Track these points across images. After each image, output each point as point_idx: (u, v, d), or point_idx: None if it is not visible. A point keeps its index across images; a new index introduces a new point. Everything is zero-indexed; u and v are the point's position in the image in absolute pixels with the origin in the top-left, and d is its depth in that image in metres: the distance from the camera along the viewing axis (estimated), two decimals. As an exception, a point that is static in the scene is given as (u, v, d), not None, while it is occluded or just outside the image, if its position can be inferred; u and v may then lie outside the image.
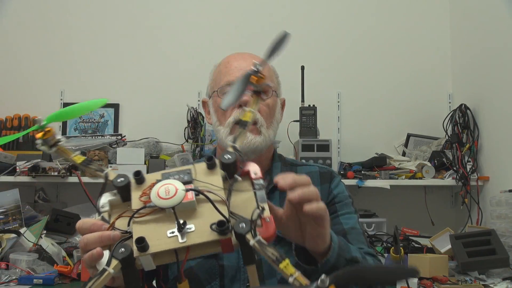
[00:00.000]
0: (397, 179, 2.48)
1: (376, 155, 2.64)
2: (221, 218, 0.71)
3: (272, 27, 2.95)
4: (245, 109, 0.89)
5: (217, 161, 0.80)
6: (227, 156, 0.79)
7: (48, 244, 2.15)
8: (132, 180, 0.79)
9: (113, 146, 2.59)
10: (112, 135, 2.77)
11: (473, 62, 2.66)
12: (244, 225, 0.70)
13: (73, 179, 2.44)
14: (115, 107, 2.90)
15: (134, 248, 0.69)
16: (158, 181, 0.75)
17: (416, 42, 2.93)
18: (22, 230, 2.19)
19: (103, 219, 0.77)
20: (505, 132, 2.30)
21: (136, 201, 0.76)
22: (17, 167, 2.46)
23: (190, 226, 0.72)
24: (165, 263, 0.73)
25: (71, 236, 2.35)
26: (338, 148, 2.84)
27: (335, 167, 2.64)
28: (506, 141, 2.29)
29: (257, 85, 0.88)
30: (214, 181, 0.77)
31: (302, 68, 2.63)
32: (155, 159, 2.51)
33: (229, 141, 0.84)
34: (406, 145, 2.76)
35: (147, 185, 0.77)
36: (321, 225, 0.87)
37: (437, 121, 2.69)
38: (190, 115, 2.68)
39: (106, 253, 0.72)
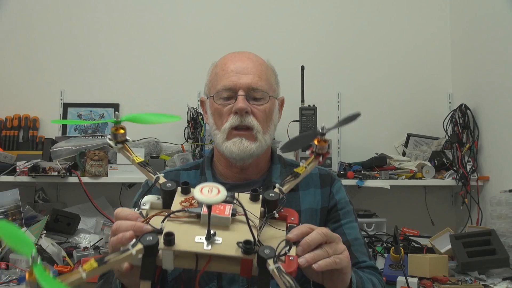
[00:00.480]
0: (397, 179, 2.48)
1: (376, 155, 2.64)
2: (249, 238, 0.74)
3: (272, 27, 2.96)
4: (302, 165, 0.96)
5: (260, 196, 0.85)
6: (271, 195, 0.85)
7: (48, 244, 2.15)
8: (179, 188, 0.84)
9: (113, 146, 2.58)
10: (112, 135, 2.76)
11: (473, 62, 2.66)
12: (268, 251, 0.74)
13: (73, 179, 2.44)
14: (115, 107, 2.90)
15: (161, 240, 0.72)
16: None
17: (416, 42, 2.93)
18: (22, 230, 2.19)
19: (140, 214, 0.82)
20: (505, 132, 2.30)
21: (176, 205, 0.81)
22: (17, 167, 2.46)
23: (218, 239, 0.75)
24: (183, 267, 0.75)
25: (71, 236, 2.35)
26: (338, 148, 2.84)
27: (335, 167, 2.64)
28: (506, 141, 2.29)
29: (318, 146, 0.99)
30: (252, 209, 0.82)
31: (302, 68, 2.64)
32: (155, 159, 2.51)
33: (278, 185, 0.90)
34: (406, 145, 2.76)
35: (190, 196, 0.83)
36: (342, 272, 0.88)
37: (437, 121, 2.69)
38: (190, 115, 2.68)
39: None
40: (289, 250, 0.78)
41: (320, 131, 0.96)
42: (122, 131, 0.94)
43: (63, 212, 2.38)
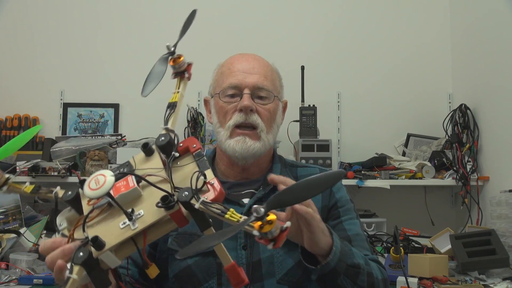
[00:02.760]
0: (397, 179, 2.48)
1: (376, 155, 2.64)
2: (164, 193, 0.72)
3: (272, 27, 2.96)
4: (174, 92, 0.92)
5: (153, 147, 0.82)
6: (161, 138, 0.82)
7: (48, 244, 2.15)
8: (80, 191, 0.79)
9: (113, 146, 2.59)
10: (112, 135, 2.77)
11: (473, 62, 2.66)
12: (187, 193, 0.72)
13: (73, 179, 2.44)
14: (115, 107, 2.90)
15: (92, 249, 0.70)
16: None
17: (417, 42, 2.93)
18: (22, 230, 2.20)
19: (63, 236, 0.78)
20: (505, 132, 2.30)
21: (86, 207, 0.78)
22: (17, 167, 2.46)
23: (139, 212, 0.73)
24: (128, 255, 0.74)
25: (71, 236, 2.35)
26: (338, 148, 2.84)
27: (335, 167, 2.64)
28: (506, 141, 2.29)
29: (176, 66, 0.94)
30: (153, 165, 0.79)
31: (302, 68, 2.64)
32: (155, 159, 2.50)
33: (162, 125, 0.87)
34: (406, 145, 2.76)
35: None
36: (310, 230, 0.92)
37: (437, 121, 2.69)
38: (190, 115, 2.68)
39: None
40: (204, 176, 0.75)
41: (168, 50, 0.94)
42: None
43: (63, 212, 2.37)
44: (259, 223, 0.66)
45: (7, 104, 2.87)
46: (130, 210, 0.73)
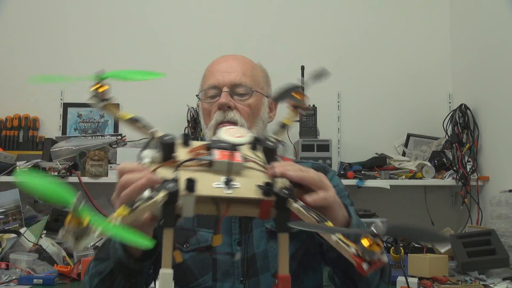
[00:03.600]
0: (397, 179, 2.48)
1: (376, 155, 2.64)
2: (267, 180, 0.76)
3: (272, 28, 2.96)
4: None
5: (259, 146, 0.86)
6: (270, 143, 0.85)
7: (48, 244, 2.15)
8: (178, 141, 0.82)
9: (113, 146, 2.59)
10: (112, 135, 2.77)
11: (473, 62, 2.66)
12: (286, 191, 0.74)
13: (73, 179, 2.44)
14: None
15: (182, 187, 0.70)
16: (207, 144, 0.81)
17: (416, 42, 2.93)
18: (22, 230, 2.20)
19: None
20: (505, 132, 2.30)
21: (183, 155, 0.80)
22: (17, 167, 2.46)
23: (236, 183, 0.75)
24: (204, 213, 0.75)
25: (71, 236, 2.35)
26: (338, 148, 2.84)
27: (335, 167, 2.64)
28: (506, 141, 2.29)
29: (299, 99, 1.03)
30: (257, 157, 0.84)
31: (302, 68, 2.63)
32: (155, 159, 2.50)
33: (271, 134, 0.93)
34: (406, 145, 2.76)
35: (193, 147, 0.82)
36: (329, 210, 0.86)
37: (437, 121, 2.69)
38: (190, 115, 2.68)
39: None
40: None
41: (299, 84, 1.02)
42: (104, 88, 0.92)
43: (63, 212, 2.37)
44: (370, 241, 0.67)
45: (7, 104, 2.87)
46: (228, 178, 0.75)
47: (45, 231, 2.24)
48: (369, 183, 2.44)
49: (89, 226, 0.64)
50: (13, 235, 2.16)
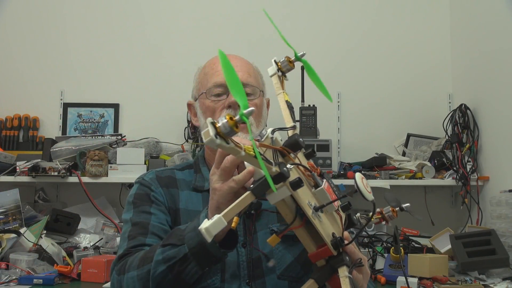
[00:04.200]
0: (397, 179, 2.48)
1: (376, 155, 2.64)
2: (343, 237, 0.84)
3: (272, 27, 2.95)
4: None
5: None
6: (357, 221, 0.99)
7: (48, 244, 2.15)
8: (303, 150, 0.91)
9: (113, 146, 2.59)
10: (112, 135, 2.77)
11: (473, 62, 2.66)
12: (347, 258, 0.83)
13: (73, 179, 2.44)
14: (115, 107, 2.90)
15: (291, 179, 0.75)
16: (322, 171, 0.91)
17: (416, 42, 2.93)
18: (22, 230, 2.19)
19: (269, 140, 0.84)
20: (505, 132, 2.30)
21: (303, 162, 0.87)
22: (17, 167, 2.46)
23: (321, 216, 0.82)
24: (279, 211, 0.81)
25: (71, 236, 2.35)
26: (338, 148, 2.84)
27: (335, 167, 2.64)
28: (506, 141, 2.29)
29: (390, 214, 1.11)
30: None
31: (302, 68, 2.63)
32: (155, 159, 2.51)
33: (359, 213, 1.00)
34: (406, 145, 2.76)
35: (311, 164, 0.92)
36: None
37: (437, 121, 2.69)
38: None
39: None
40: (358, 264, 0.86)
41: (403, 206, 1.13)
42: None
43: (63, 212, 2.38)
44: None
45: (7, 104, 2.88)
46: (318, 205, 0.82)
47: (45, 231, 2.24)
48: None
49: (235, 134, 0.66)
50: (13, 235, 2.16)
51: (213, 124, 0.65)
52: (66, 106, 2.90)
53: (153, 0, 3.00)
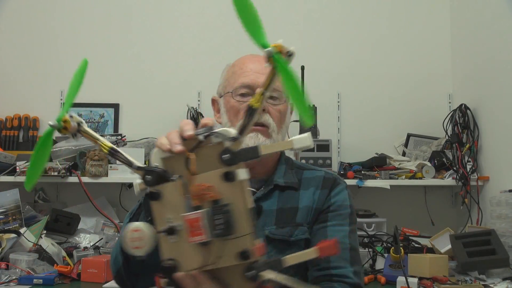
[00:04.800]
0: (397, 179, 2.48)
1: (376, 155, 2.64)
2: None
3: (272, 28, 2.95)
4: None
5: None
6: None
7: (48, 244, 2.15)
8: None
9: (113, 146, 2.59)
10: (112, 135, 2.77)
11: (473, 62, 2.66)
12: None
13: (73, 179, 2.44)
14: (115, 107, 2.90)
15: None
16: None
17: (416, 42, 2.93)
18: (22, 230, 2.20)
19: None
20: (505, 132, 2.30)
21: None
22: (17, 167, 2.46)
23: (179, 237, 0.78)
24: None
25: (71, 236, 2.35)
26: (338, 148, 2.84)
27: (335, 167, 2.64)
28: (506, 141, 2.29)
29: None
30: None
31: (302, 68, 2.63)
32: (155, 159, 2.50)
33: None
34: (406, 145, 2.76)
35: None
36: None
37: (437, 121, 2.69)
38: (190, 115, 2.68)
39: None
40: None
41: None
42: (68, 124, 0.92)
43: (63, 212, 2.38)
44: None
45: (7, 104, 2.88)
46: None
47: (45, 231, 2.24)
48: (369, 183, 2.44)
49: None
50: (13, 235, 2.16)
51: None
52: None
53: (153, 0, 3.00)
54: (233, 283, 0.76)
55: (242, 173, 0.75)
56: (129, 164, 0.82)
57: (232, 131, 0.77)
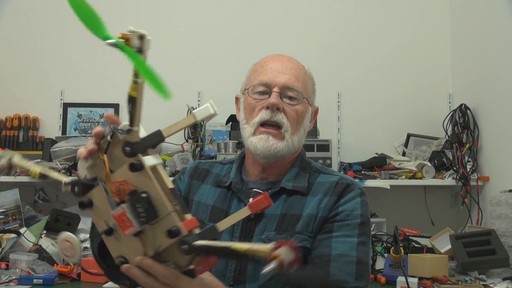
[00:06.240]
0: (397, 179, 2.48)
1: (376, 155, 2.64)
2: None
3: (273, 28, 2.96)
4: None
5: None
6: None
7: (48, 244, 2.15)
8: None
9: (113, 146, 2.59)
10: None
11: (473, 62, 2.66)
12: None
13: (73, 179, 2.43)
14: (115, 107, 2.90)
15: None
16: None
17: (417, 42, 2.93)
18: (22, 230, 2.20)
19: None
20: (505, 132, 2.30)
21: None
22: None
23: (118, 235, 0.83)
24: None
25: (71, 236, 2.35)
26: (338, 148, 2.84)
27: (335, 167, 2.64)
28: (506, 141, 2.29)
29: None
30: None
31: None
32: (155, 159, 2.50)
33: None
34: (406, 145, 2.76)
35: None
36: None
37: (437, 121, 2.69)
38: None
39: None
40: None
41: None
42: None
43: (63, 212, 2.38)
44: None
45: (7, 104, 2.88)
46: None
47: (45, 231, 2.24)
48: (369, 183, 2.44)
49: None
50: (13, 235, 2.16)
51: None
52: (66, 106, 2.90)
53: (154, 1, 3.00)
54: (178, 260, 0.79)
55: (149, 160, 0.80)
56: (59, 182, 0.86)
57: (126, 124, 0.80)
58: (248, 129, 1.16)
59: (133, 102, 0.78)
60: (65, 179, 0.85)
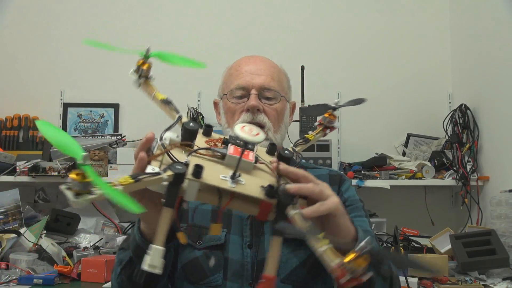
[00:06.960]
0: (397, 179, 2.48)
1: (376, 155, 2.64)
2: (272, 183, 0.78)
3: (272, 28, 2.96)
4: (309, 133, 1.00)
5: (276, 152, 0.89)
6: (286, 152, 0.87)
7: (48, 244, 2.15)
8: (201, 130, 0.87)
9: (113, 146, 2.59)
10: (112, 135, 2.77)
11: (473, 62, 2.66)
12: (289, 198, 0.77)
13: (73, 179, 2.43)
14: (115, 107, 2.90)
15: (189, 171, 0.73)
16: (225, 138, 0.85)
17: (416, 42, 2.93)
18: (22, 230, 2.20)
19: (162, 146, 0.83)
20: (505, 132, 2.30)
21: (200, 144, 0.83)
22: (17, 167, 2.46)
23: (242, 180, 0.77)
24: (204, 202, 0.80)
25: (71, 236, 2.35)
26: (338, 148, 2.84)
27: (335, 167, 2.64)
28: (506, 141, 2.29)
29: (328, 119, 1.05)
30: (265, 157, 0.87)
31: (302, 68, 2.63)
32: (155, 159, 2.50)
33: (292, 145, 0.98)
34: (406, 145, 2.76)
35: (211, 139, 0.86)
36: (332, 216, 0.85)
37: (437, 121, 2.69)
38: (190, 115, 2.68)
39: (150, 169, 0.77)
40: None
41: (334, 105, 1.04)
42: (147, 66, 0.99)
43: (63, 212, 2.38)
44: (355, 254, 0.69)
45: (7, 104, 2.88)
46: (237, 174, 0.78)
47: (45, 231, 2.24)
48: (369, 183, 2.44)
49: (91, 184, 0.68)
50: (13, 235, 2.16)
51: (68, 189, 0.70)
52: (66, 106, 2.90)
53: (152, 0, 3.00)
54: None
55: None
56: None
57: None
58: (231, 133, 1.19)
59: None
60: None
